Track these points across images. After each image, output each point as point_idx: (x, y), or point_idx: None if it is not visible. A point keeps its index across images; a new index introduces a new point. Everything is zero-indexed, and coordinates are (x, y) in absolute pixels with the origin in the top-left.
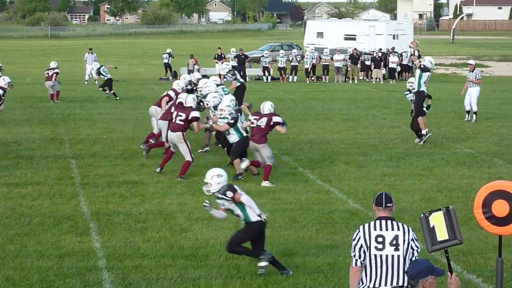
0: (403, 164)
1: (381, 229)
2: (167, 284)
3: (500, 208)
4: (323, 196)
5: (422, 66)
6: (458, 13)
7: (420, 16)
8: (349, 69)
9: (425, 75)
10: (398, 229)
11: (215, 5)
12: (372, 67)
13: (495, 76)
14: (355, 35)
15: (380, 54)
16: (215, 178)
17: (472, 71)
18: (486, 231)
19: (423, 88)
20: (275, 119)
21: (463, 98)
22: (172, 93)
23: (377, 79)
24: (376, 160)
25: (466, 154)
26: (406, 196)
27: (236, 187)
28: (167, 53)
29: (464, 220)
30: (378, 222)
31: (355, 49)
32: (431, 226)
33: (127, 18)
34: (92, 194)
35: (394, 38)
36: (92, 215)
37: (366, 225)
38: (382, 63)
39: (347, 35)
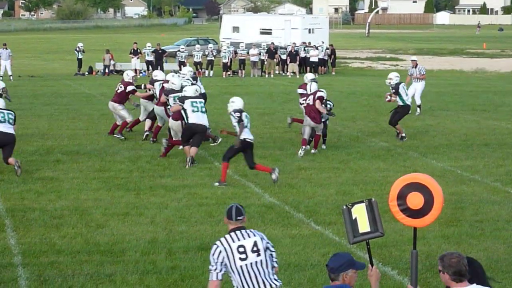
0: (319, 157)
1: (239, 239)
2: (83, 280)
3: (415, 200)
4: (239, 191)
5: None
6: (373, 7)
7: (336, 10)
8: (265, 63)
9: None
10: (254, 235)
11: (131, 0)
12: (288, 61)
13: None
14: (271, 29)
15: (296, 48)
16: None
17: (415, 67)
18: (401, 223)
19: (408, 102)
20: (319, 94)
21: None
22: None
23: (293, 73)
24: (292, 154)
25: (381, 147)
26: (321, 190)
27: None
28: (78, 47)
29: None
30: (233, 234)
31: (272, 43)
32: (353, 218)
33: (42, 13)
34: (7, 191)
35: (309, 32)
36: (7, 212)
37: (223, 239)
38: (297, 57)
39: (263, 29)
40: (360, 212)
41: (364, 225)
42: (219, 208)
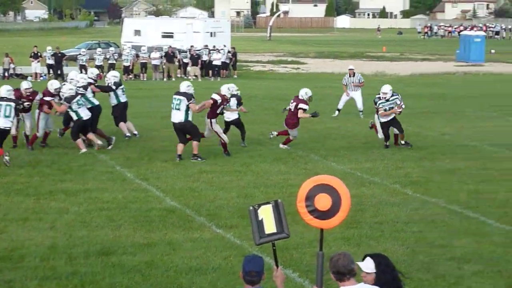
0: (221, 161)
1: None
2: None
3: (322, 202)
4: (140, 195)
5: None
6: (274, 10)
7: (238, 13)
8: (164, 67)
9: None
10: None
11: (31, 3)
12: (190, 65)
13: (311, 73)
14: (172, 33)
15: (197, 52)
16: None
17: (353, 76)
18: (309, 224)
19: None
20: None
21: (338, 99)
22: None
23: (195, 76)
24: None
25: (282, 150)
26: (223, 193)
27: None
28: None
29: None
30: None
31: (170, 46)
32: (260, 219)
33: None
34: None
35: (211, 36)
36: None
37: None
38: (199, 61)
39: (164, 33)
40: (266, 213)
41: (270, 226)
42: (120, 213)
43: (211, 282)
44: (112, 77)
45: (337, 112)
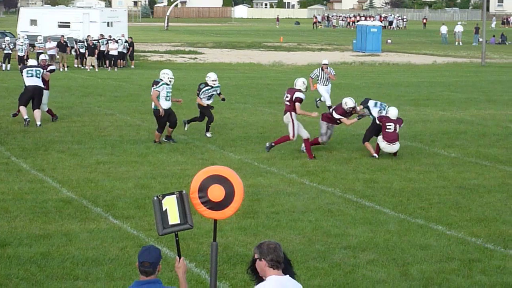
0: (118, 151)
1: None
2: None
3: (216, 192)
4: (36, 186)
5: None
6: (172, 0)
7: (135, 3)
8: (57, 56)
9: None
10: None
11: None
12: (86, 55)
13: (209, 63)
14: (69, 23)
15: (94, 42)
16: None
17: (325, 70)
18: (202, 215)
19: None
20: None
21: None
22: None
23: (92, 67)
24: (91, 148)
25: (179, 140)
26: (120, 184)
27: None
28: None
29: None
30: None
31: (62, 36)
32: (164, 209)
33: None
34: None
35: (108, 25)
36: None
37: None
38: (95, 51)
39: (61, 22)
40: (170, 204)
41: (174, 217)
42: (16, 204)
43: (108, 273)
44: None
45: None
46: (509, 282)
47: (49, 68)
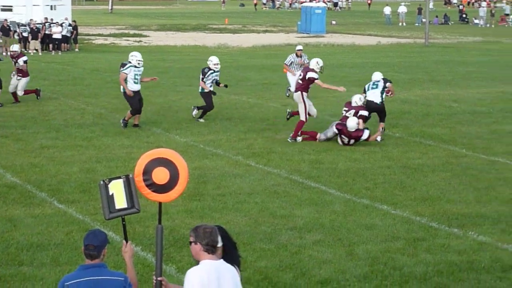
0: (62, 135)
1: None
2: None
3: (160, 175)
4: None
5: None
6: None
7: None
8: (0, 40)
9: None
10: None
11: None
12: (30, 39)
13: (154, 46)
14: (11, 6)
15: (37, 25)
16: None
17: (300, 57)
18: (147, 198)
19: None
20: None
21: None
22: None
23: (35, 50)
24: (35, 132)
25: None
26: (65, 168)
27: None
28: None
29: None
30: None
31: (5, 20)
32: (111, 193)
33: None
34: None
35: (52, 9)
36: None
37: None
38: (39, 34)
39: (3, 6)
40: (117, 188)
41: (120, 201)
42: None
43: (53, 257)
44: None
45: (289, 92)
46: (453, 260)
47: (22, 59)
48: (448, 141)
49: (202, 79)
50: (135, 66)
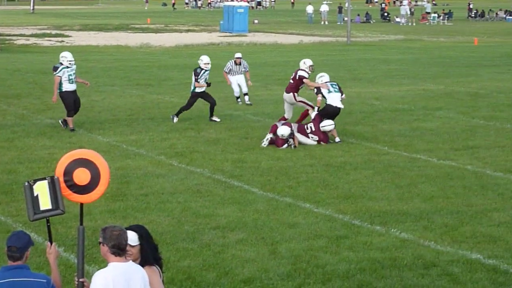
0: None
1: None
2: None
3: (81, 176)
4: None
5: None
6: None
7: None
8: None
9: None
10: None
11: None
12: None
13: (76, 46)
14: None
15: None
16: None
17: (239, 64)
18: (68, 199)
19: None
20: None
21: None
22: None
23: None
24: None
25: (47, 124)
26: None
27: None
28: None
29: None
30: None
31: None
32: (35, 195)
33: None
34: None
35: None
36: None
37: None
38: None
39: None
40: (42, 189)
41: (45, 202)
42: None
43: None
44: None
45: (240, 100)
46: (376, 257)
47: None
48: (370, 139)
49: (196, 79)
50: (67, 67)
